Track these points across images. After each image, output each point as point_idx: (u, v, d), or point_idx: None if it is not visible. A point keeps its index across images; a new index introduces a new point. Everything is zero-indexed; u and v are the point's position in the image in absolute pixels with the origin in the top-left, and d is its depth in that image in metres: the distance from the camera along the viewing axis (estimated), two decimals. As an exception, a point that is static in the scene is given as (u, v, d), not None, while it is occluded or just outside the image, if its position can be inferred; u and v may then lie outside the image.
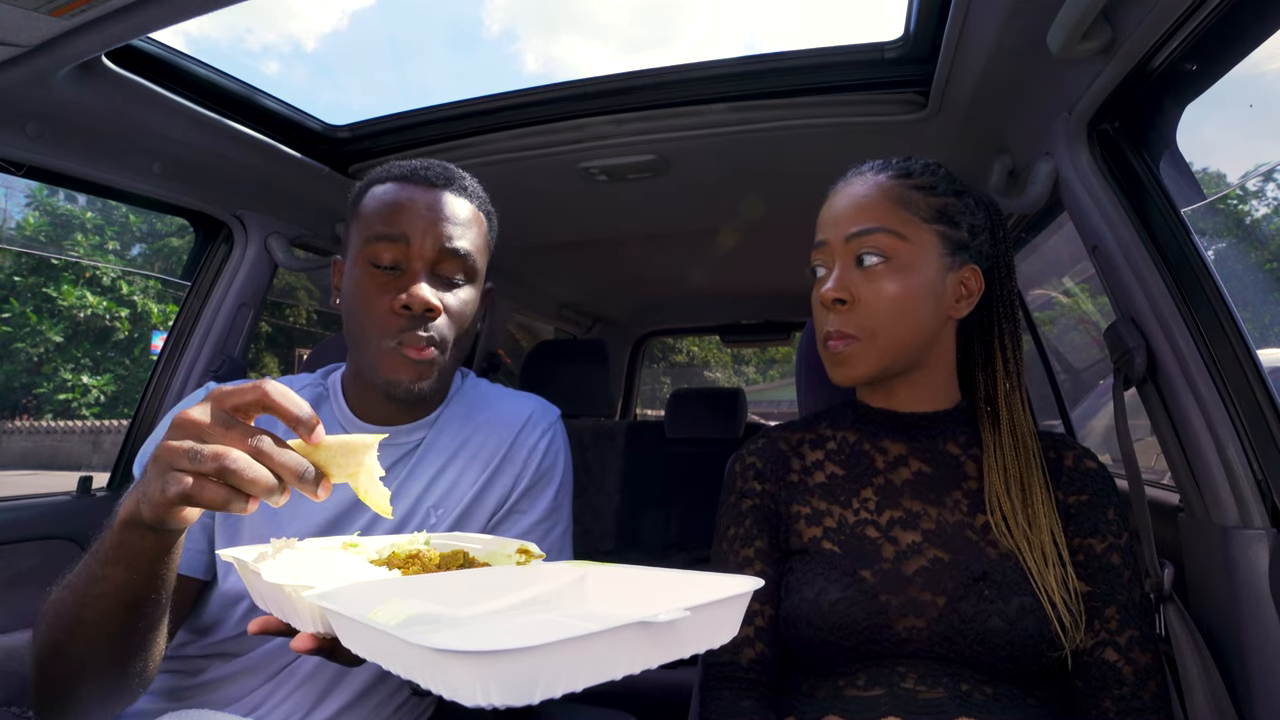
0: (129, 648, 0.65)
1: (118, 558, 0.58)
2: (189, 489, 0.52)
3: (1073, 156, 0.95)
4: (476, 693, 0.38)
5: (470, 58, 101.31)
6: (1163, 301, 0.87)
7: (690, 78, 1.20)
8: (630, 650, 0.43)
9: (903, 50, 1.08)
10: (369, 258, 0.83)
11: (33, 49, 0.86)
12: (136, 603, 0.61)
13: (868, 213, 0.82)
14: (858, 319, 0.81)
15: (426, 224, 0.83)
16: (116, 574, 0.59)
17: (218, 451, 0.52)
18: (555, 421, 0.99)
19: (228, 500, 0.52)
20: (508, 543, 0.68)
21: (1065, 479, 0.83)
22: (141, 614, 0.62)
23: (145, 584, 0.60)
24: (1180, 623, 0.82)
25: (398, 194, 0.85)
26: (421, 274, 0.82)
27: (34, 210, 11.40)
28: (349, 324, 0.87)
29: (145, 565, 0.59)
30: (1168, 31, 0.75)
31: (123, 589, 0.59)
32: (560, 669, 0.39)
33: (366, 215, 0.86)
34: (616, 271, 2.49)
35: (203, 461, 0.52)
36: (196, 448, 0.52)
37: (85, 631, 0.62)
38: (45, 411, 11.70)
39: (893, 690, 0.75)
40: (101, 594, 0.60)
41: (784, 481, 0.89)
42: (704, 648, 0.48)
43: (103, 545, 0.60)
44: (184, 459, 0.52)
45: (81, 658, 0.64)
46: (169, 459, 0.53)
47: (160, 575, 0.60)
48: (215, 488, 0.52)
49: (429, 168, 0.89)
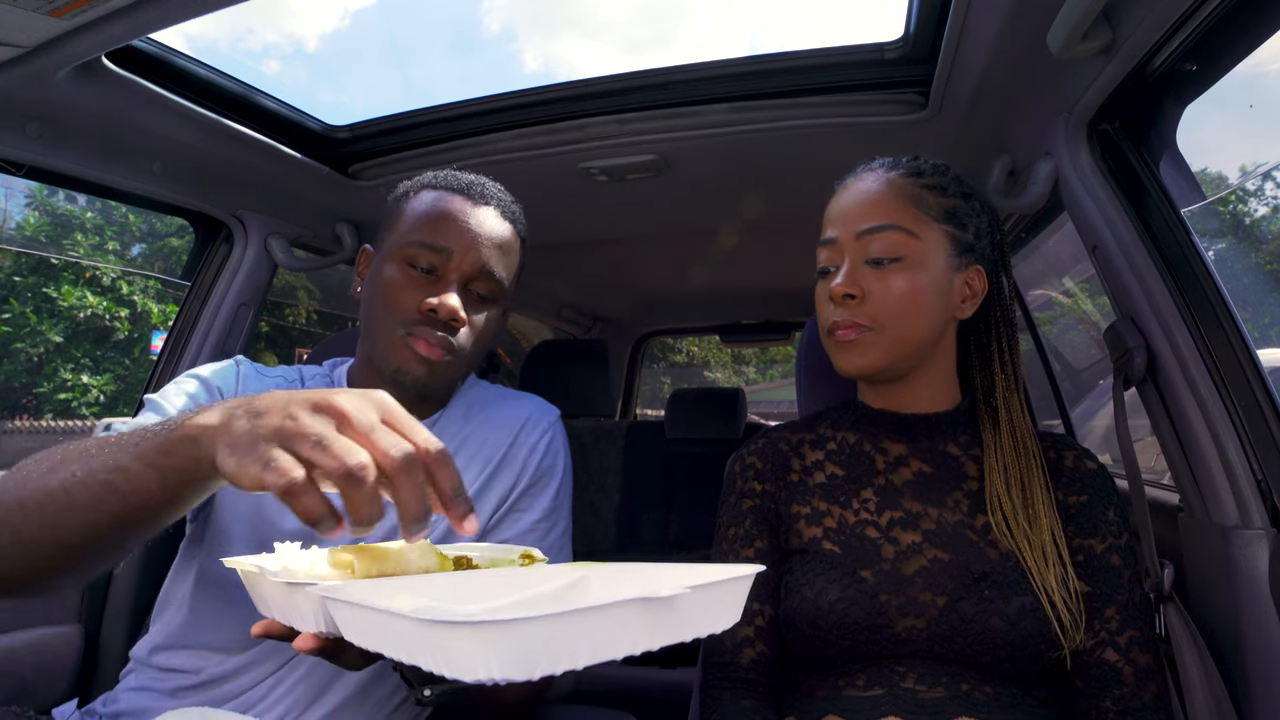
0: (87, 548, 0.57)
1: (156, 462, 0.52)
2: (292, 483, 0.44)
3: (1073, 157, 0.95)
4: (478, 666, 0.37)
5: (470, 58, 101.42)
6: (1163, 301, 0.87)
7: (691, 78, 1.20)
8: (632, 627, 0.42)
9: (903, 50, 1.08)
10: (407, 258, 0.85)
11: (33, 49, 0.86)
12: (137, 512, 0.54)
13: (880, 210, 0.82)
14: (868, 311, 0.81)
15: (470, 241, 0.85)
16: (143, 475, 0.53)
17: (361, 461, 0.44)
18: (555, 421, 0.99)
19: (323, 517, 0.45)
20: (511, 549, 0.68)
21: (1065, 479, 0.83)
22: (133, 525, 0.55)
23: (160, 501, 0.54)
24: (1180, 623, 0.82)
25: (449, 205, 0.87)
26: (455, 285, 0.84)
27: (34, 210, 11.40)
28: (367, 311, 0.88)
29: (176, 487, 0.53)
30: (1168, 32, 0.75)
31: (137, 493, 0.53)
32: (561, 643, 0.39)
33: (414, 216, 0.87)
34: (616, 271, 2.49)
35: (329, 457, 0.44)
36: (330, 437, 0.45)
37: (62, 507, 0.54)
38: (45, 411, 11.70)
39: (893, 690, 0.75)
40: (111, 484, 0.53)
41: (784, 481, 0.89)
42: (705, 632, 0.48)
43: (145, 442, 0.54)
44: (307, 444, 0.45)
45: (34, 530, 0.55)
46: (288, 438, 0.46)
47: (179, 504, 0.55)
48: (319, 499, 0.45)
49: (484, 185, 0.91)
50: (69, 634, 1.22)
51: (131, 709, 0.81)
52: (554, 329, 3.05)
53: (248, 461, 0.46)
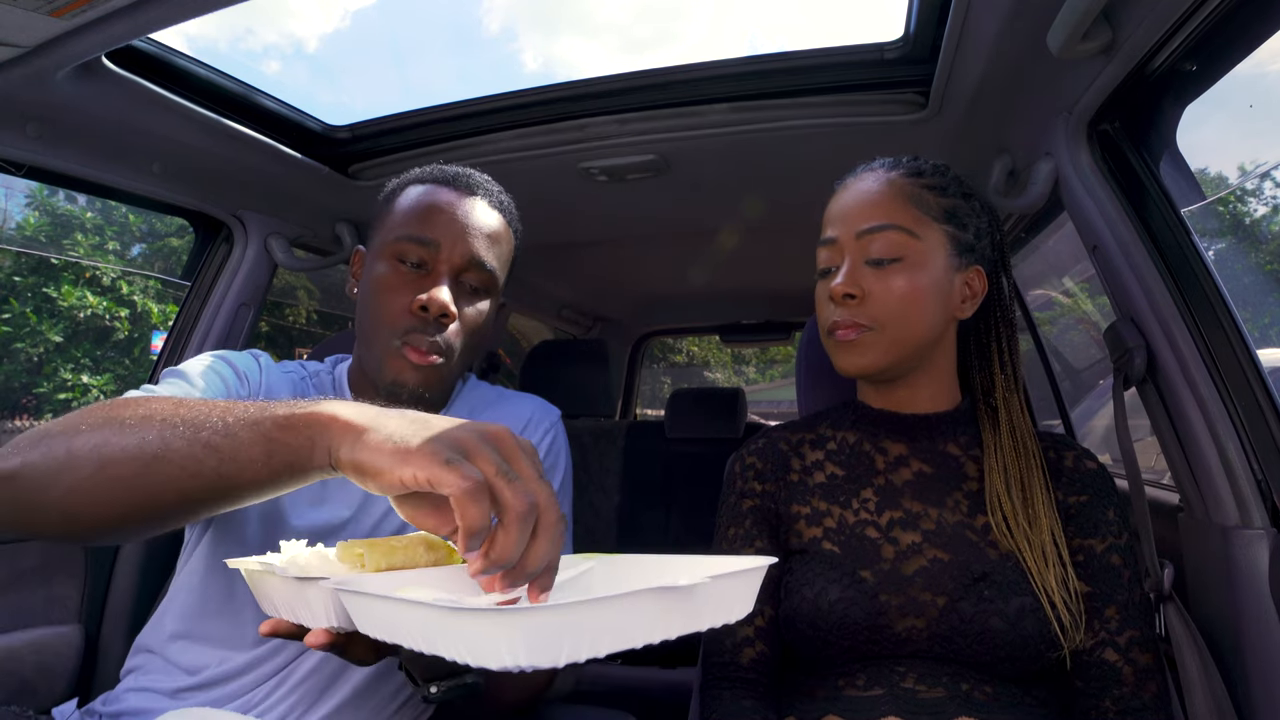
0: (163, 509, 0.55)
1: (270, 434, 0.51)
2: (479, 486, 0.44)
3: (1073, 156, 0.95)
4: (502, 652, 0.37)
5: (470, 58, 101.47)
6: (1163, 301, 0.87)
7: (691, 78, 1.20)
8: (651, 615, 0.43)
9: (903, 50, 1.08)
10: (396, 254, 0.85)
11: (33, 49, 0.86)
12: (228, 480, 0.52)
13: (880, 209, 0.82)
14: (868, 311, 0.81)
15: (458, 232, 0.85)
16: (252, 445, 0.51)
17: (533, 504, 0.45)
18: (555, 422, 0.99)
19: (483, 532, 0.45)
20: None
21: (1065, 479, 0.83)
22: (217, 494, 0.54)
23: (257, 476, 0.52)
24: (1180, 623, 0.82)
25: (435, 197, 0.87)
26: (445, 278, 0.84)
27: (34, 210, 11.39)
28: (361, 316, 0.88)
29: (278, 466, 0.51)
30: (1168, 32, 0.75)
31: (238, 461, 0.52)
32: (584, 630, 0.40)
33: (400, 212, 0.87)
34: (616, 271, 2.49)
35: (512, 491, 0.45)
36: (512, 473, 0.46)
37: (155, 462, 0.53)
38: (45, 411, 11.68)
39: (892, 690, 0.75)
40: (214, 447, 0.52)
41: (784, 481, 0.89)
42: (720, 621, 0.49)
43: (261, 413, 0.53)
44: (492, 467, 0.46)
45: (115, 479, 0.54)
46: (472, 452, 0.46)
47: (270, 486, 0.53)
48: (489, 511, 0.45)
49: (469, 176, 0.90)
50: (69, 634, 1.22)
51: (132, 709, 0.81)
52: (554, 329, 3.04)
53: (419, 459, 0.45)
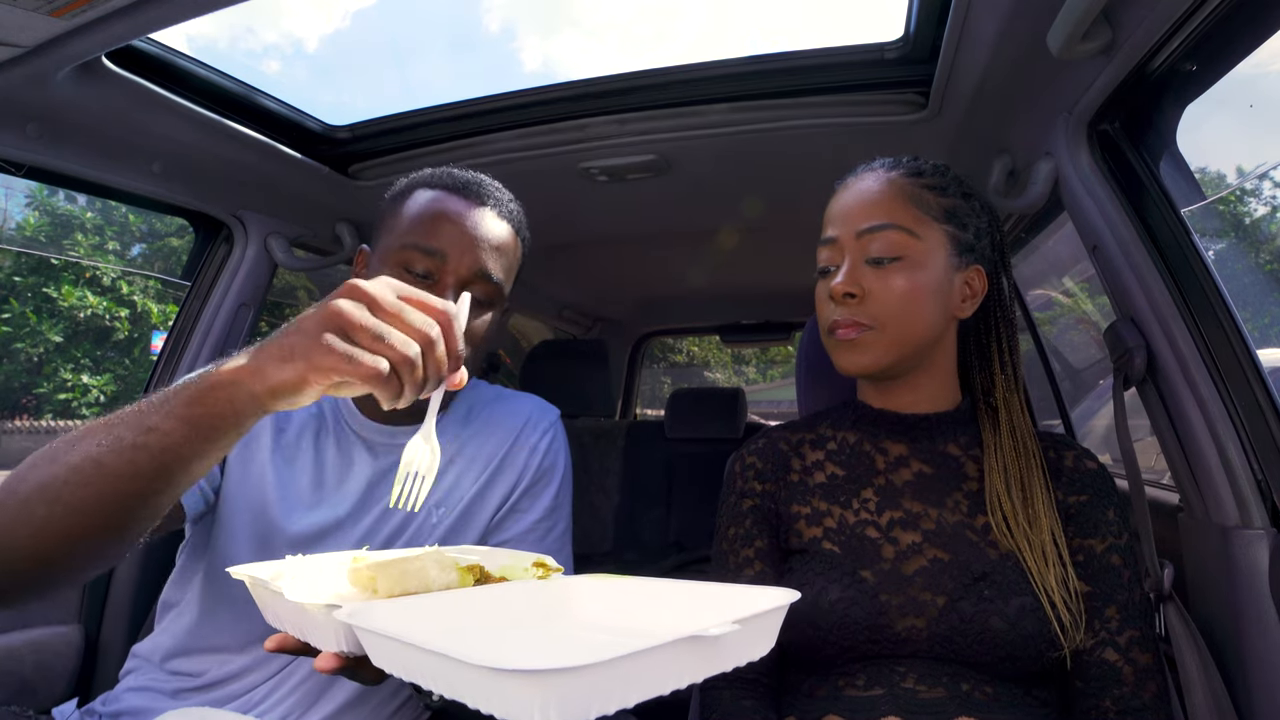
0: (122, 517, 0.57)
1: (187, 415, 0.54)
2: (379, 373, 0.50)
3: (1073, 157, 0.95)
4: (534, 713, 0.37)
5: (470, 58, 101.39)
6: (1163, 301, 0.87)
7: (691, 78, 1.20)
8: (681, 664, 0.43)
9: (903, 50, 1.08)
10: (402, 261, 0.83)
11: (33, 49, 0.86)
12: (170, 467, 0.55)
13: (880, 209, 0.82)
14: (868, 310, 0.81)
15: (467, 244, 0.83)
16: (175, 430, 0.54)
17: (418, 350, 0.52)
18: (555, 421, 0.99)
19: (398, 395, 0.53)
20: (521, 555, 0.68)
21: (1065, 479, 0.83)
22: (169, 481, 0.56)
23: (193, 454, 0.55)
24: (1180, 622, 0.82)
25: (444, 205, 0.85)
26: (450, 290, 0.82)
27: (34, 210, 11.39)
28: None
29: (209, 434, 0.54)
30: (1168, 32, 0.75)
31: (168, 450, 0.54)
32: (616, 685, 0.39)
33: (408, 217, 0.85)
34: (616, 271, 2.49)
35: (389, 349, 0.51)
36: (383, 328, 0.51)
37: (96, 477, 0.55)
38: (45, 411, 11.68)
39: (893, 690, 0.75)
40: (141, 445, 0.54)
41: (784, 481, 0.89)
42: (744, 660, 0.48)
43: (171, 400, 0.55)
44: (367, 335, 0.50)
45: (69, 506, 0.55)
46: (344, 325, 0.50)
47: (213, 452, 0.56)
48: (399, 383, 0.52)
49: (480, 184, 0.89)
50: (69, 634, 1.22)
51: (132, 709, 0.81)
52: (554, 329, 3.04)
53: (318, 357, 0.50)
